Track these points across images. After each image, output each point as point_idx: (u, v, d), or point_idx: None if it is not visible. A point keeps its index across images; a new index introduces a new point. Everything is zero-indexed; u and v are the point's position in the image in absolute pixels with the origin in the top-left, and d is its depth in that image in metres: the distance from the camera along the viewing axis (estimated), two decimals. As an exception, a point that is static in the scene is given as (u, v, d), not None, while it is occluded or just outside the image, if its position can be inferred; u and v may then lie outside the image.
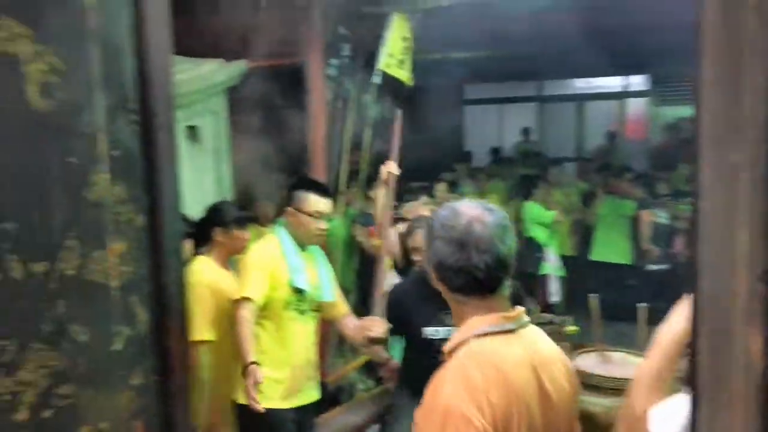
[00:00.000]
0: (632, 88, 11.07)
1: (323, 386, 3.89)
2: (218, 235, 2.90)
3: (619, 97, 11.13)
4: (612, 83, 11.13)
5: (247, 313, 2.56)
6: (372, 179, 4.34)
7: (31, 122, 1.07)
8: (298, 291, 2.74)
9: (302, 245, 2.82)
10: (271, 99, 3.61)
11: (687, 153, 8.16)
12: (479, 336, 1.44)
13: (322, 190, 2.82)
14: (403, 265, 3.58)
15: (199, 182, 3.35)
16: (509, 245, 1.45)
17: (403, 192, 4.78)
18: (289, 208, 2.82)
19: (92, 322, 1.21)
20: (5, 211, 1.08)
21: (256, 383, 2.45)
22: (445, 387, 1.35)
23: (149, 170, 1.24)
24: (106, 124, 1.16)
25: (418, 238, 2.80)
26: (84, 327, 1.20)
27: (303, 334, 2.83)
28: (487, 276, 1.43)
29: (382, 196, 3.12)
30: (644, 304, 3.75)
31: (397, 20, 4.23)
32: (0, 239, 1.08)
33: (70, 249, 1.16)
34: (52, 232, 1.14)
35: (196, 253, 2.92)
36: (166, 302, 1.34)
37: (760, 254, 0.68)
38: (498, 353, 1.42)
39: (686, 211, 6.10)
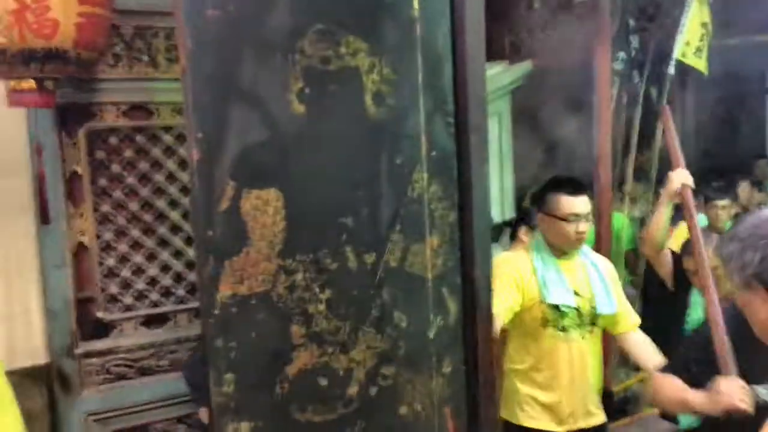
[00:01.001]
0: None
1: (608, 396, 3.72)
2: (523, 233, 2.95)
3: None
4: None
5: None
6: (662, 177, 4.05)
7: (366, 127, 1.20)
8: (556, 307, 2.47)
9: (563, 252, 2.55)
10: (556, 98, 3.56)
11: None
12: None
13: (574, 188, 2.50)
14: (673, 290, 3.16)
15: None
16: None
17: (698, 193, 4.35)
18: (541, 214, 2.56)
19: (411, 310, 1.32)
20: (344, 207, 1.23)
21: None
22: None
23: (462, 169, 1.31)
24: (426, 127, 1.26)
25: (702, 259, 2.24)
26: (404, 314, 1.31)
27: (573, 353, 2.52)
28: None
29: (664, 213, 2.80)
30: None
31: (697, 4, 3.90)
32: (339, 232, 1.23)
33: (395, 242, 1.28)
34: (380, 227, 1.26)
35: None
36: (474, 295, 1.39)
37: None
38: None
39: None
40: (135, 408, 2.75)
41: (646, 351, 2.53)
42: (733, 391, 1.76)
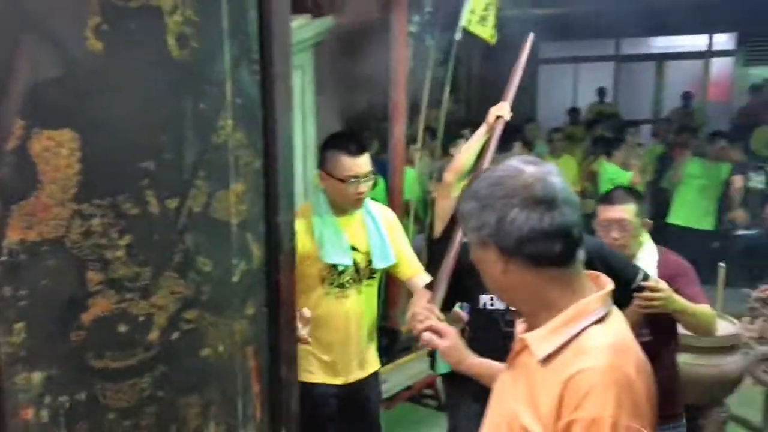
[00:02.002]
0: (716, 48, 10.57)
1: (395, 334, 4.02)
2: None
3: (702, 57, 10.66)
4: (695, 42, 10.66)
5: None
6: (452, 135, 4.40)
7: (169, 70, 1.18)
8: (333, 266, 2.46)
9: (343, 210, 2.51)
10: (354, 55, 3.67)
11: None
12: (598, 322, 1.19)
13: (355, 148, 2.41)
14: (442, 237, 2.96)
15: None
16: None
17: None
18: (321, 172, 2.48)
19: (215, 255, 1.34)
20: (145, 151, 1.20)
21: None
22: (608, 397, 1.08)
23: (267, 118, 1.34)
24: (232, 74, 1.26)
25: None
26: (208, 259, 1.33)
27: (350, 309, 2.54)
28: (579, 234, 1.20)
29: (477, 141, 2.63)
30: (723, 265, 3.72)
31: (481, -25, 4.21)
32: (140, 176, 1.20)
33: (199, 188, 1.28)
34: (184, 172, 1.25)
35: None
36: (278, 241, 1.45)
37: None
38: (627, 343, 1.20)
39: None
40: None
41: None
42: (415, 316, 1.96)
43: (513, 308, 1.35)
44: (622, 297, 2.15)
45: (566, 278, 1.20)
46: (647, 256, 2.44)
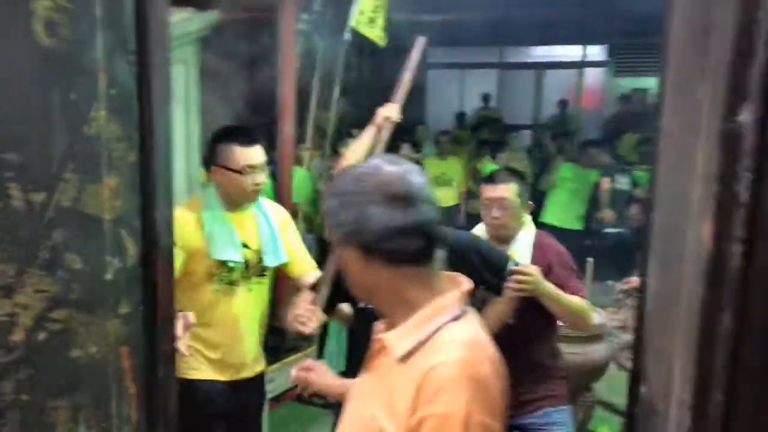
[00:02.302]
0: (591, 58, 11.30)
1: (283, 333, 3.99)
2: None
3: (577, 67, 11.35)
4: (572, 53, 11.33)
5: None
6: (342, 135, 4.43)
7: (36, 58, 1.12)
8: (223, 263, 2.41)
9: (236, 205, 2.46)
10: (242, 51, 3.62)
11: (637, 123, 8.48)
12: (455, 320, 1.21)
13: (247, 138, 2.39)
14: None
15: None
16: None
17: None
18: (214, 166, 2.42)
19: (86, 252, 1.29)
20: (8, 142, 1.14)
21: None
22: (461, 392, 1.09)
23: (144, 110, 1.30)
24: (106, 64, 1.22)
25: None
26: (78, 256, 1.27)
27: (239, 307, 2.50)
28: (438, 232, 1.20)
29: (366, 141, 2.55)
30: (591, 259, 4.00)
31: (368, -23, 4.27)
32: (3, 168, 1.14)
33: (68, 181, 1.23)
34: (52, 164, 1.20)
35: None
36: (154, 237, 1.41)
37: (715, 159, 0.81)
38: (482, 341, 1.22)
39: (644, 178, 6.44)
40: None
41: None
42: (301, 316, 2.14)
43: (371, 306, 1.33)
44: (497, 285, 2.27)
45: (424, 277, 1.21)
46: (526, 237, 2.52)
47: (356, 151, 2.62)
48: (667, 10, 1.09)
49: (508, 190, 2.46)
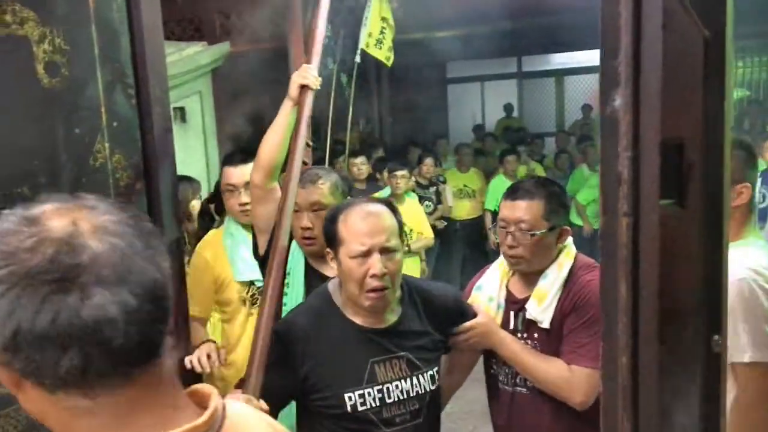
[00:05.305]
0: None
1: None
2: None
3: (597, 71, 11.27)
4: (591, 58, 11.29)
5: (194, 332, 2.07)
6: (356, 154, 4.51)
7: (40, 97, 1.21)
8: (251, 283, 2.29)
9: (245, 224, 2.29)
10: (255, 81, 3.71)
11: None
12: None
13: (238, 158, 2.27)
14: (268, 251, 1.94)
15: (188, 161, 3.46)
16: (163, 266, 0.70)
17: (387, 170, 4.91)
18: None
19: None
20: (18, 177, 1.22)
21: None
22: None
23: (146, 140, 1.38)
24: (106, 99, 1.30)
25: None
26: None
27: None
28: (139, 336, 0.65)
29: (282, 121, 1.91)
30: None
31: (377, 1, 4.34)
32: (15, 202, 1.21)
33: (78, 211, 1.30)
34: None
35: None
36: (165, 259, 1.47)
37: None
38: None
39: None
40: None
41: None
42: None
43: None
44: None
45: (113, 409, 0.68)
46: (555, 273, 1.74)
47: (271, 137, 1.91)
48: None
49: (530, 210, 1.71)
